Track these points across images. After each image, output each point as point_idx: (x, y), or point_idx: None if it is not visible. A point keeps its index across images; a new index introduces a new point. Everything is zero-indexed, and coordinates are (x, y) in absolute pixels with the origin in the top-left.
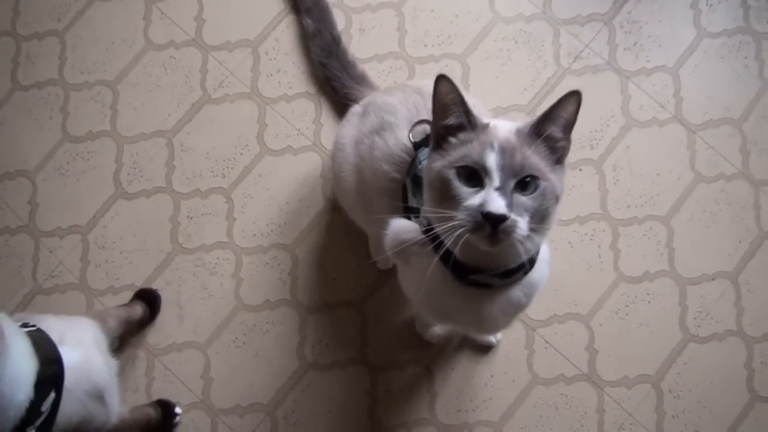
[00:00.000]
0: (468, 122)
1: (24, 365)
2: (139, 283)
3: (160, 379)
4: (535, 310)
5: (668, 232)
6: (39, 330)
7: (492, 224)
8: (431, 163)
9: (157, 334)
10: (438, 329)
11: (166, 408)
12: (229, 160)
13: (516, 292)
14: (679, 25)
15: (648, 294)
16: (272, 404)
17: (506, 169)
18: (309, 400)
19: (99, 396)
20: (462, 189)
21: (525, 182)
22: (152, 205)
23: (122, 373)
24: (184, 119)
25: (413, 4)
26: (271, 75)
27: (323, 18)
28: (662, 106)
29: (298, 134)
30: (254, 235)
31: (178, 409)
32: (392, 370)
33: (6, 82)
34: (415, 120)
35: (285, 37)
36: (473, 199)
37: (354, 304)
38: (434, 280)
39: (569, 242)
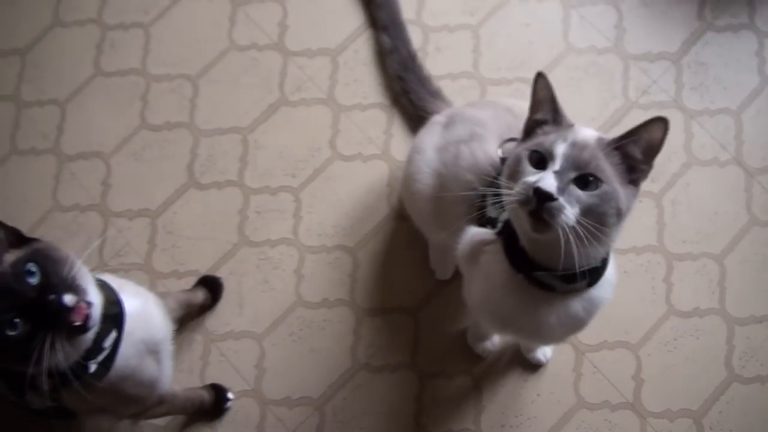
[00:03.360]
0: (553, 119)
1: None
2: (204, 270)
3: (214, 364)
4: (586, 334)
5: (721, 271)
6: (99, 278)
7: (538, 200)
8: (516, 148)
9: (216, 321)
10: (489, 344)
11: (218, 392)
12: (300, 161)
13: (576, 304)
14: (744, 71)
15: (697, 329)
16: (322, 399)
17: (570, 160)
18: (358, 399)
19: (154, 351)
20: (527, 168)
21: (587, 180)
22: (223, 197)
23: (179, 354)
24: (260, 118)
25: (490, 28)
26: (348, 84)
27: (399, 35)
28: (723, 148)
29: (368, 142)
30: (319, 235)
31: (230, 395)
32: (441, 378)
33: (89, 67)
34: (506, 137)
35: (364, 49)
36: (532, 177)
37: (409, 311)
38: (500, 278)
39: (624, 271)
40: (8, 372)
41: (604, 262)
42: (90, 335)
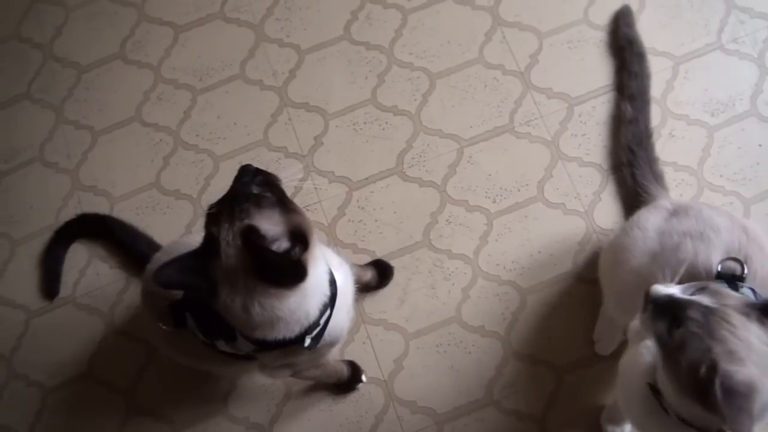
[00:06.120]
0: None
1: (325, 289)
2: (380, 254)
3: (358, 343)
4: None
5: None
6: None
7: None
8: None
9: (373, 305)
10: (620, 431)
11: (354, 371)
12: (505, 189)
13: None
14: None
15: None
16: (444, 417)
17: None
18: (477, 431)
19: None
20: None
21: None
22: (421, 195)
23: None
24: (482, 136)
25: (725, 135)
26: (575, 135)
27: (642, 109)
28: None
29: (575, 197)
30: (497, 264)
31: (363, 377)
32: None
33: (338, 29)
34: (732, 255)
35: (602, 108)
36: None
37: (557, 370)
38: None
39: None
40: (203, 316)
41: None
42: (313, 317)
